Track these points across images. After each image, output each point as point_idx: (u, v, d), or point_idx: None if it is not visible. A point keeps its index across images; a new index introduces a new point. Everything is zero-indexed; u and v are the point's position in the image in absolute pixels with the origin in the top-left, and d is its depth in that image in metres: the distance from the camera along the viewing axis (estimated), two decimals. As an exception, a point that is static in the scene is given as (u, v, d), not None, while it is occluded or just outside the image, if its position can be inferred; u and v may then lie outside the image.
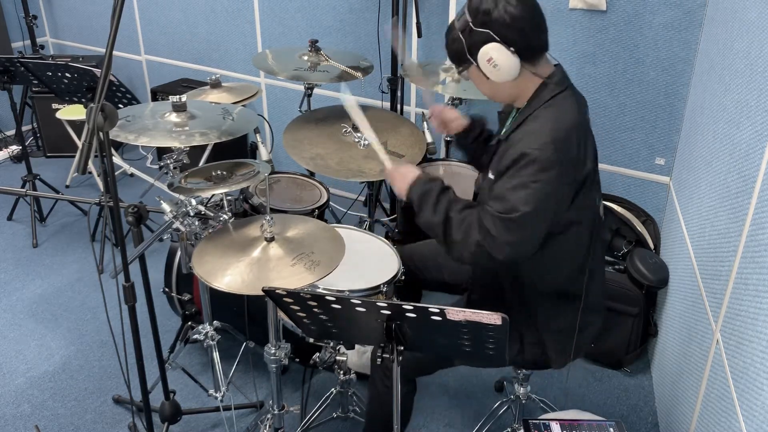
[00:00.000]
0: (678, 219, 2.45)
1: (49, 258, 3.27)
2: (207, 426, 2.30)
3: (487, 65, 1.55)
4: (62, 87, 2.84)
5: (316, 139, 2.37)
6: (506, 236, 1.52)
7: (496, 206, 1.53)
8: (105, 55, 1.36)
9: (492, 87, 1.64)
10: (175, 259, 2.46)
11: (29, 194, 3.39)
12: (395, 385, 1.40)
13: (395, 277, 1.95)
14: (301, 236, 1.79)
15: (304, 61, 2.77)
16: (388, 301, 1.27)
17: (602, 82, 2.74)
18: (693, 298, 2.10)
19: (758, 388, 1.43)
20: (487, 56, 1.53)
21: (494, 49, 1.53)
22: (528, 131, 1.56)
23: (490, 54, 1.53)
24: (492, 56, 1.53)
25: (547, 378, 2.51)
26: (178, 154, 1.93)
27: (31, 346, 2.67)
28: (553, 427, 1.65)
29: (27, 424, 2.30)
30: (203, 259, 1.69)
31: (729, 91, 1.98)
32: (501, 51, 1.52)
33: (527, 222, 1.51)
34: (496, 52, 1.53)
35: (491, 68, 1.55)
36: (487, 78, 1.58)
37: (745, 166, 1.73)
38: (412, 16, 2.97)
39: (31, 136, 4.46)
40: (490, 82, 1.60)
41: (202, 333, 2.18)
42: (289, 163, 3.14)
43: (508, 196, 1.52)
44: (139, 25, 4.24)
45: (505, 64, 1.54)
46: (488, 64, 1.54)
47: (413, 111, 3.39)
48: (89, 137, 1.36)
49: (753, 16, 1.83)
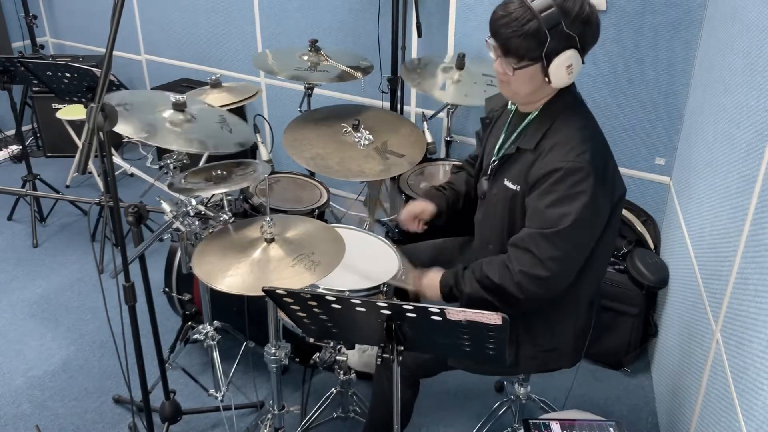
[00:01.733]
0: (678, 219, 2.45)
1: (49, 258, 3.26)
2: (207, 426, 2.30)
3: (563, 71, 1.46)
4: (62, 87, 2.84)
5: (316, 139, 2.37)
6: (550, 252, 1.48)
7: (535, 223, 1.50)
8: (105, 55, 1.36)
9: (539, 90, 1.54)
10: (175, 259, 2.46)
11: (29, 194, 3.39)
12: (395, 385, 1.40)
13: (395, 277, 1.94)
14: (302, 237, 1.79)
15: (304, 61, 2.77)
16: (388, 301, 1.27)
17: (602, 82, 2.74)
18: (693, 298, 2.10)
19: (758, 388, 1.43)
20: (567, 62, 1.45)
21: (575, 56, 1.46)
22: (556, 143, 1.51)
23: (571, 60, 1.45)
24: (573, 63, 1.45)
25: (547, 378, 2.50)
26: (179, 154, 1.93)
27: (31, 346, 2.67)
28: (553, 427, 1.65)
29: (27, 424, 2.30)
30: (204, 261, 1.69)
31: (729, 90, 1.98)
32: (577, 58, 1.46)
33: (571, 234, 1.47)
34: (575, 60, 1.46)
35: (564, 74, 1.47)
36: (547, 81, 1.49)
37: (745, 166, 1.72)
38: (412, 16, 2.97)
39: (31, 136, 4.46)
40: (540, 85, 1.52)
41: (202, 333, 2.18)
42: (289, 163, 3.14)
43: (546, 212, 1.48)
44: (139, 24, 4.24)
45: (576, 72, 1.48)
46: (566, 71, 1.46)
47: (413, 111, 3.38)
48: (89, 137, 1.36)
49: (753, 16, 1.82)
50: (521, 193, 1.59)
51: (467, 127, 3.22)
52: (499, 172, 1.68)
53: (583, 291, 1.66)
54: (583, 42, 1.46)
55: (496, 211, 1.68)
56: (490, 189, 1.72)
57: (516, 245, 1.55)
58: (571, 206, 1.46)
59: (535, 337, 1.70)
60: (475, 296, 1.61)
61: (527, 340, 1.70)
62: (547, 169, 1.48)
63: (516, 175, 1.60)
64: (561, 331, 1.71)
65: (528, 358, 1.72)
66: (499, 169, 1.69)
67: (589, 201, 1.46)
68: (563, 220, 1.46)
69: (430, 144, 2.51)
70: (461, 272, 1.65)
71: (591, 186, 1.46)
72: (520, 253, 1.53)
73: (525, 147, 1.59)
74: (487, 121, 1.84)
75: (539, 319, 1.69)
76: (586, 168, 1.45)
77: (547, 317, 1.69)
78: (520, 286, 1.53)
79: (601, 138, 1.58)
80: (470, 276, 1.63)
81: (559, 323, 1.70)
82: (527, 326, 1.69)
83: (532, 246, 1.50)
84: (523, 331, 1.70)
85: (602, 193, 1.49)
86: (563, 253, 1.49)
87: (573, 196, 1.46)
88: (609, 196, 1.53)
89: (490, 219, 1.72)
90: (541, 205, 1.49)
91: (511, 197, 1.62)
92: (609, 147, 1.59)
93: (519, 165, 1.60)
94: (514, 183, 1.60)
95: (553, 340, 1.71)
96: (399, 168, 2.32)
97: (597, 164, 1.48)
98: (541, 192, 1.49)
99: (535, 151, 1.56)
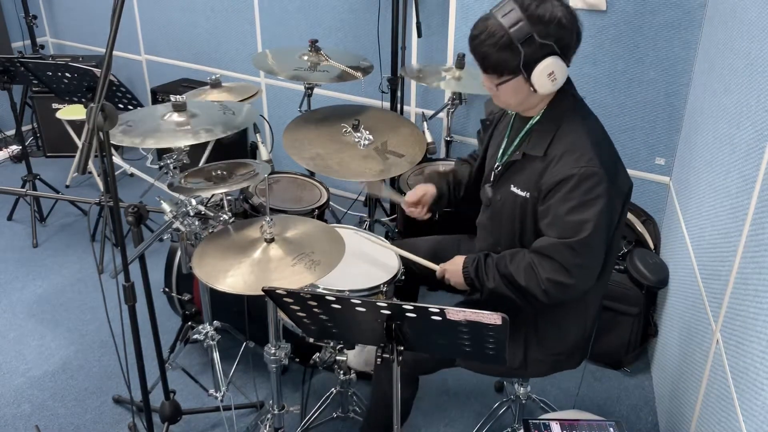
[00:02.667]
0: (678, 219, 2.45)
1: (49, 258, 3.26)
2: (207, 426, 2.30)
3: (546, 79, 1.45)
4: (62, 87, 2.84)
5: (316, 139, 2.37)
6: (575, 260, 1.48)
7: (556, 233, 1.50)
8: (105, 55, 1.36)
9: (528, 98, 1.54)
10: (175, 259, 2.46)
11: (29, 194, 3.39)
12: (395, 385, 1.40)
13: (395, 277, 1.95)
14: (302, 236, 1.79)
15: (304, 61, 2.77)
16: (388, 301, 1.27)
17: (602, 82, 2.74)
18: (693, 298, 2.10)
19: (758, 388, 1.43)
20: (548, 70, 1.43)
21: (556, 62, 1.43)
22: (566, 149, 1.50)
23: (553, 68, 1.43)
24: (554, 70, 1.43)
25: (547, 378, 2.51)
26: (178, 154, 1.93)
27: (31, 346, 2.67)
28: (553, 427, 1.65)
29: (27, 424, 2.30)
30: (204, 261, 1.69)
31: (729, 91, 1.98)
32: (559, 63, 1.44)
33: (592, 241, 1.48)
34: (558, 67, 1.44)
35: (548, 81, 1.45)
36: (533, 91, 1.48)
37: (745, 166, 1.72)
38: (412, 16, 2.97)
39: (31, 136, 4.45)
40: (528, 94, 1.51)
41: (202, 333, 2.18)
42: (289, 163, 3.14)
43: (566, 220, 1.48)
44: (139, 24, 4.24)
45: (561, 77, 1.46)
46: (548, 78, 1.44)
47: (413, 111, 3.38)
48: (89, 137, 1.36)
49: (753, 16, 1.82)
50: (532, 200, 1.58)
51: (467, 127, 3.22)
52: (504, 178, 1.68)
53: (592, 293, 1.67)
54: (561, 46, 1.44)
55: (505, 216, 1.67)
56: (495, 195, 1.71)
57: (539, 253, 1.54)
58: (589, 212, 1.47)
59: (544, 341, 1.71)
60: (498, 292, 1.62)
61: (535, 343, 1.71)
62: (560, 176, 1.48)
63: (525, 181, 1.60)
64: (569, 333, 1.71)
65: (537, 362, 1.72)
66: (503, 174, 1.68)
67: (606, 205, 1.47)
68: (584, 227, 1.47)
69: (430, 144, 2.52)
70: (483, 261, 1.64)
71: (605, 190, 1.47)
72: (545, 261, 1.53)
73: (533, 154, 1.58)
74: (488, 123, 1.84)
75: (549, 323, 1.69)
76: (599, 172, 1.46)
77: (556, 321, 1.69)
78: (547, 293, 1.54)
79: (606, 137, 1.58)
80: (494, 270, 1.62)
81: (569, 326, 1.71)
82: (536, 330, 1.69)
83: (557, 255, 1.50)
84: (532, 335, 1.70)
85: (616, 194, 1.51)
86: (587, 260, 1.51)
87: (589, 202, 1.47)
88: (620, 195, 1.54)
89: (499, 223, 1.71)
90: (560, 212, 1.49)
91: (521, 204, 1.61)
92: (612, 143, 1.60)
93: (528, 172, 1.59)
94: (523, 190, 1.60)
95: (562, 343, 1.71)
96: (399, 168, 2.32)
97: (608, 166, 1.49)
98: (558, 200, 1.49)
99: (544, 159, 1.55)
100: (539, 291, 1.54)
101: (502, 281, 1.60)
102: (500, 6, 1.45)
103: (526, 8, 1.41)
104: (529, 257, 1.56)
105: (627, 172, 1.60)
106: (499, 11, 1.44)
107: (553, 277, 1.52)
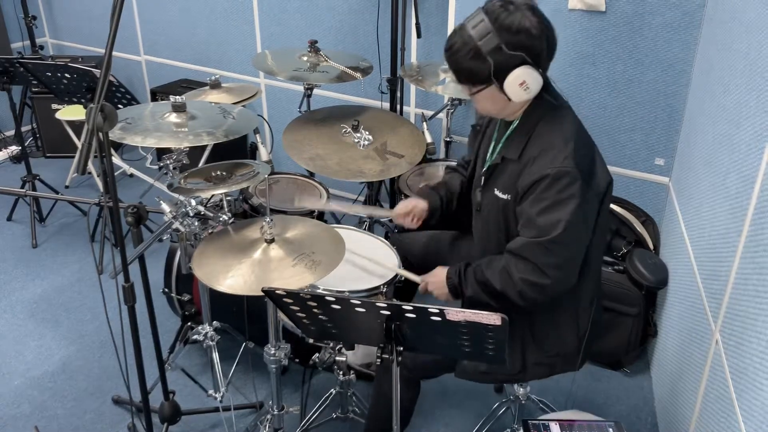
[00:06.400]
0: (677, 219, 2.45)
1: (48, 258, 3.26)
2: (206, 426, 2.30)
3: (518, 88, 1.46)
4: (62, 87, 2.84)
5: (315, 139, 2.37)
6: (548, 259, 1.49)
7: (530, 233, 1.51)
8: (104, 55, 1.36)
9: (505, 106, 1.56)
10: (175, 260, 2.46)
11: (29, 194, 3.39)
12: (395, 385, 1.40)
13: (395, 277, 1.95)
14: (302, 237, 1.79)
15: (303, 61, 2.77)
16: (388, 302, 1.27)
17: (602, 83, 2.74)
18: (692, 299, 2.10)
19: (757, 388, 1.43)
20: (519, 80, 1.45)
21: (527, 71, 1.45)
22: (541, 150, 1.51)
23: (524, 78, 1.45)
24: (525, 80, 1.45)
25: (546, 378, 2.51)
26: (178, 155, 1.93)
27: (31, 346, 2.67)
28: (552, 428, 1.65)
29: (26, 424, 2.30)
30: (204, 262, 1.69)
31: (728, 91, 1.98)
32: (532, 73, 1.45)
33: (565, 240, 1.48)
34: (529, 76, 1.45)
35: (521, 91, 1.47)
36: (508, 99, 1.50)
37: (745, 167, 1.73)
38: (412, 16, 2.97)
39: (30, 137, 4.46)
40: (505, 102, 1.52)
41: (202, 333, 2.18)
42: (289, 163, 3.14)
43: (538, 220, 1.49)
44: (139, 25, 4.24)
45: (534, 85, 1.47)
46: (520, 87, 1.46)
47: (413, 111, 3.39)
48: (89, 138, 1.36)
49: (752, 17, 1.83)
50: (512, 202, 1.60)
51: (467, 128, 3.22)
52: (489, 182, 1.70)
53: (583, 290, 1.67)
54: (533, 55, 1.45)
55: (491, 220, 1.69)
56: (483, 200, 1.73)
57: (513, 253, 1.55)
58: (562, 212, 1.47)
59: (541, 343, 1.71)
60: (475, 299, 1.63)
61: (533, 345, 1.71)
62: (534, 177, 1.49)
63: (505, 184, 1.62)
64: (565, 333, 1.71)
65: (535, 365, 1.72)
66: (488, 179, 1.70)
67: (579, 204, 1.47)
68: (556, 227, 1.47)
69: (430, 144, 2.52)
70: (463, 270, 1.66)
71: (579, 188, 1.47)
72: (519, 261, 1.54)
73: (509, 157, 1.61)
74: (478, 128, 1.85)
75: (544, 325, 1.69)
76: (572, 172, 1.46)
77: (551, 321, 1.69)
78: (522, 294, 1.54)
79: (582, 134, 1.57)
80: (472, 278, 1.63)
81: (563, 325, 1.70)
82: (532, 332, 1.69)
83: (530, 255, 1.51)
84: (529, 338, 1.70)
85: (590, 193, 1.51)
86: (561, 259, 1.51)
87: (563, 201, 1.47)
88: (596, 194, 1.54)
89: (487, 227, 1.72)
90: (533, 212, 1.50)
91: (503, 207, 1.63)
92: (591, 140, 1.59)
93: (507, 174, 1.61)
94: (504, 192, 1.61)
95: (558, 343, 1.71)
96: (398, 168, 2.33)
97: (582, 165, 1.49)
98: (532, 200, 1.50)
99: (520, 161, 1.57)
100: (514, 293, 1.54)
101: (480, 288, 1.61)
102: (471, 17, 1.48)
103: (495, 19, 1.44)
104: (505, 259, 1.57)
105: (606, 169, 1.59)
106: (470, 22, 1.48)
107: (527, 278, 1.52)
